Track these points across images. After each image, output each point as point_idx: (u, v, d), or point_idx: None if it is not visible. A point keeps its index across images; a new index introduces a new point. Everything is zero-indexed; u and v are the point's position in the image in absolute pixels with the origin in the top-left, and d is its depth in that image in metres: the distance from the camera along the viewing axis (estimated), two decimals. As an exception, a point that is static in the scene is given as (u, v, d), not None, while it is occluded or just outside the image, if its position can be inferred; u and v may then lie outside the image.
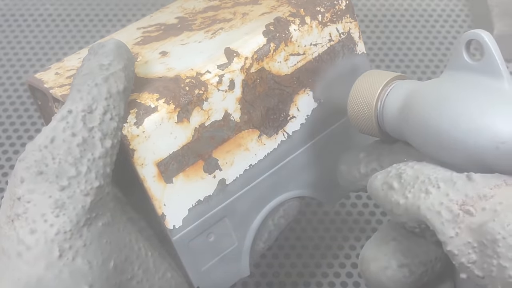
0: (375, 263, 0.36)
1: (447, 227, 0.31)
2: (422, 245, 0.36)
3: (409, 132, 0.36)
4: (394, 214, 0.34)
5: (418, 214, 0.32)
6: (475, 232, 0.30)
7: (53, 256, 0.32)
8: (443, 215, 0.31)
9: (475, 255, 0.30)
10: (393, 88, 0.38)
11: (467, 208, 0.31)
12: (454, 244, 0.31)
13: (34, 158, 0.33)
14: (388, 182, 0.34)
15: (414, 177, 0.33)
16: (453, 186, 0.32)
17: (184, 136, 0.38)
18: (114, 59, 0.36)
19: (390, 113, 0.38)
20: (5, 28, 0.71)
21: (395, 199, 0.34)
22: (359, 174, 0.41)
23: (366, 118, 0.39)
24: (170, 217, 0.39)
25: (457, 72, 0.35)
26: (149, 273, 0.37)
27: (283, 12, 0.42)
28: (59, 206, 0.33)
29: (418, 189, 0.33)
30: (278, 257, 0.55)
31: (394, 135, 0.39)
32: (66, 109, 0.34)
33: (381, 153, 0.40)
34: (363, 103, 0.39)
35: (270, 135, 0.42)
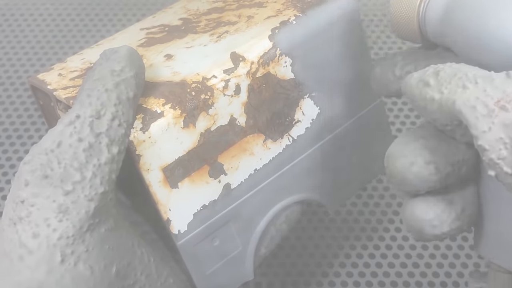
0: (401, 159, 0.35)
1: (481, 121, 0.30)
2: (451, 145, 0.35)
3: (451, 34, 0.36)
4: (427, 111, 0.33)
5: (453, 108, 0.31)
6: (508, 128, 0.29)
7: (55, 261, 0.32)
8: (478, 109, 0.30)
9: (505, 151, 0.29)
10: None
11: (503, 104, 0.30)
12: (486, 139, 0.30)
13: (39, 162, 0.33)
14: (425, 80, 0.33)
15: (452, 74, 0.32)
16: (491, 82, 0.31)
17: (190, 141, 0.38)
18: (126, 66, 0.36)
19: (433, 15, 0.37)
20: (5, 27, 0.71)
21: (431, 95, 0.33)
22: (393, 76, 0.40)
23: (408, 22, 0.38)
24: (175, 222, 0.39)
25: None
26: (151, 278, 0.37)
27: (288, 16, 0.42)
28: (62, 210, 0.32)
29: (455, 84, 0.32)
30: (279, 257, 0.55)
31: (435, 39, 0.38)
32: (74, 114, 0.34)
33: (417, 58, 0.39)
34: (405, 6, 0.38)
35: (275, 139, 0.42)
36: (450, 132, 0.35)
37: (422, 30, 0.38)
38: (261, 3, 0.45)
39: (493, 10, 0.33)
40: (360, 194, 0.60)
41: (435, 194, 0.36)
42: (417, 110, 0.35)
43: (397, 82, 0.40)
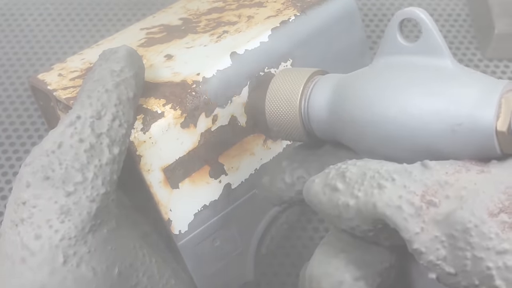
0: (328, 279, 0.32)
1: (411, 223, 0.28)
2: (374, 252, 0.32)
3: (342, 128, 0.33)
4: (343, 219, 0.31)
5: (375, 212, 0.29)
6: (442, 224, 0.27)
7: (58, 262, 0.32)
8: (405, 209, 0.28)
9: (444, 250, 0.27)
10: (316, 83, 0.35)
11: (429, 199, 0.28)
12: (420, 241, 0.27)
13: (41, 163, 0.33)
14: (331, 184, 0.31)
15: (360, 174, 0.30)
16: (409, 176, 0.29)
17: (191, 141, 0.38)
18: (125, 66, 0.36)
19: (318, 110, 0.34)
20: (5, 27, 0.71)
21: (343, 201, 0.30)
22: (284, 184, 0.36)
23: (289, 120, 0.35)
24: (176, 222, 0.39)
25: (392, 56, 0.33)
26: (153, 279, 0.37)
27: (288, 16, 0.42)
28: (64, 212, 0.32)
29: (369, 185, 0.29)
30: (279, 257, 0.55)
31: (323, 136, 0.35)
32: (75, 115, 0.34)
33: (305, 159, 0.36)
34: (285, 104, 0.35)
35: (275, 139, 0.42)
36: (372, 237, 0.31)
37: (307, 128, 0.36)
38: (261, 2, 0.45)
39: (387, 96, 0.31)
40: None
41: None
42: (327, 219, 0.32)
43: (290, 190, 0.36)
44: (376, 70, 0.33)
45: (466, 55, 0.68)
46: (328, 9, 0.43)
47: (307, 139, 0.36)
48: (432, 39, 0.31)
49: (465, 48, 0.69)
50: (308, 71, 0.36)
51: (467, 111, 0.29)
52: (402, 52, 0.32)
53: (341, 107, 0.33)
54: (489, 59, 0.68)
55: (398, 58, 0.32)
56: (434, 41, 0.31)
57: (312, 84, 0.35)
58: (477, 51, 0.69)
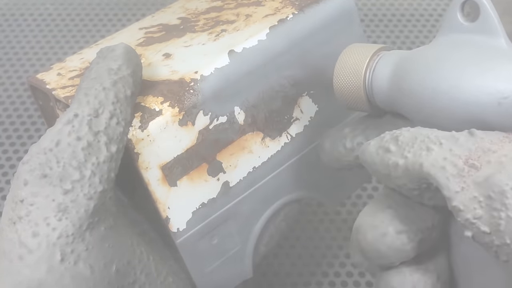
0: (372, 231, 0.34)
1: (453, 182, 0.30)
2: (418, 211, 0.34)
3: (402, 100, 0.36)
4: (392, 178, 0.33)
5: (420, 171, 0.31)
6: (481, 186, 0.29)
7: (55, 260, 0.32)
8: (448, 169, 0.30)
9: (481, 210, 0.29)
10: (381, 58, 0.38)
11: (472, 162, 0.30)
12: (459, 199, 0.29)
13: (38, 161, 0.33)
14: (384, 146, 0.33)
15: (412, 138, 0.32)
16: (456, 141, 0.31)
17: (189, 139, 0.38)
18: (123, 64, 0.36)
19: (380, 82, 0.37)
20: (5, 27, 0.71)
21: (394, 160, 0.32)
22: (344, 149, 0.39)
23: (354, 90, 0.38)
24: (174, 220, 0.39)
25: (452, 34, 0.35)
26: (151, 277, 0.37)
27: (286, 14, 0.42)
28: (62, 209, 0.32)
29: (419, 147, 0.31)
30: (279, 257, 0.55)
31: (384, 106, 0.38)
32: (72, 113, 0.34)
33: (367, 127, 0.39)
34: (351, 75, 0.38)
35: (274, 137, 0.42)
36: (417, 197, 0.34)
37: (370, 98, 0.38)
38: (259, 1, 0.45)
39: (444, 71, 0.33)
40: (360, 194, 0.60)
41: (408, 265, 0.35)
42: (379, 178, 0.34)
43: (349, 154, 0.39)
44: (435, 47, 0.35)
45: (466, 55, 0.68)
46: (326, 7, 0.43)
47: (369, 110, 0.39)
48: (489, 20, 0.34)
49: (465, 47, 0.69)
50: (374, 47, 0.38)
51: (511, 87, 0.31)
52: (461, 30, 0.35)
53: (402, 80, 0.35)
54: (489, 59, 0.68)
55: (457, 36, 0.35)
56: (491, 22, 0.34)
57: (378, 58, 0.38)
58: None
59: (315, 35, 0.43)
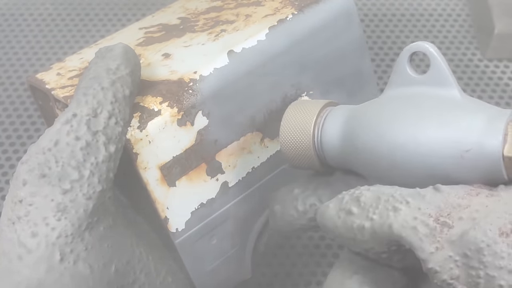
0: None
1: (426, 243, 0.29)
2: (387, 275, 0.34)
3: (355, 156, 0.35)
4: (357, 241, 0.32)
5: (390, 233, 0.30)
6: (456, 245, 0.28)
7: (54, 259, 0.32)
8: (420, 230, 0.29)
9: (458, 270, 0.28)
10: (329, 114, 0.37)
11: (443, 220, 0.29)
12: (435, 261, 0.29)
13: (37, 161, 0.33)
14: (345, 208, 0.32)
15: (375, 197, 0.31)
16: (423, 199, 0.30)
17: (188, 139, 0.38)
18: (121, 64, 0.36)
19: (330, 139, 0.36)
20: (5, 27, 0.71)
21: (358, 223, 0.31)
22: (296, 212, 0.38)
23: (303, 149, 0.37)
24: (173, 220, 0.39)
25: (402, 88, 0.35)
26: (150, 277, 0.37)
27: (286, 14, 0.42)
28: (61, 209, 0.32)
29: (384, 208, 0.30)
30: (278, 257, 0.55)
31: (335, 163, 0.37)
32: (71, 113, 0.34)
33: (317, 187, 0.38)
34: (299, 133, 0.37)
35: (273, 137, 0.42)
36: (385, 260, 0.33)
37: (320, 156, 0.37)
38: (259, 1, 0.45)
39: (400, 125, 0.33)
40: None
41: None
42: (342, 242, 0.33)
43: (302, 217, 0.38)
44: (386, 101, 0.35)
45: (466, 55, 0.68)
46: (325, 7, 0.43)
47: (320, 168, 0.37)
48: (440, 71, 0.33)
49: (465, 48, 0.69)
50: (321, 103, 0.37)
51: (475, 138, 0.31)
52: (412, 83, 0.34)
53: (353, 136, 0.35)
54: (489, 59, 0.68)
55: (408, 89, 0.34)
56: (442, 73, 0.33)
57: (325, 114, 0.37)
58: (477, 51, 0.69)
59: (315, 35, 0.43)
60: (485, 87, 0.65)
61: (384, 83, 0.66)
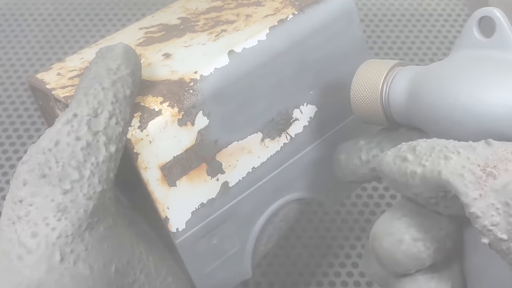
0: (389, 238, 0.35)
1: (471, 189, 0.30)
2: (434, 220, 0.35)
3: (418, 113, 0.36)
4: (409, 186, 0.33)
5: (439, 179, 0.31)
6: (498, 193, 0.29)
7: (55, 260, 0.32)
8: (466, 177, 0.30)
9: (498, 217, 0.29)
10: (398, 73, 0.38)
11: (489, 170, 0.30)
12: (477, 206, 0.30)
13: (37, 161, 0.33)
14: (402, 156, 0.34)
15: (429, 147, 0.33)
16: (474, 150, 0.31)
17: (188, 139, 0.38)
18: (122, 64, 0.36)
19: (397, 96, 0.38)
20: (5, 27, 0.71)
21: (411, 169, 0.33)
22: (360, 161, 0.40)
23: (371, 104, 0.39)
24: (173, 220, 0.39)
25: (468, 50, 0.36)
26: (150, 277, 0.37)
27: (286, 14, 0.42)
28: (61, 209, 0.32)
29: (437, 156, 0.32)
30: (279, 257, 0.55)
31: (401, 119, 0.38)
32: (71, 113, 0.34)
33: (382, 140, 0.40)
34: (368, 90, 0.39)
35: (273, 137, 0.42)
36: (433, 205, 0.34)
37: (387, 112, 0.39)
38: (259, 1, 0.45)
39: (461, 84, 0.34)
40: (360, 194, 0.60)
41: (424, 273, 0.35)
42: (395, 187, 0.35)
43: (364, 167, 0.40)
44: (452, 62, 0.36)
45: (466, 55, 0.68)
46: (326, 7, 0.43)
47: (386, 123, 0.39)
48: (505, 35, 0.34)
49: (465, 48, 0.69)
50: (391, 62, 0.39)
51: None
52: (477, 46, 0.35)
53: (419, 94, 0.36)
54: (489, 59, 0.68)
55: (474, 51, 0.35)
56: (507, 37, 0.34)
57: (394, 73, 0.38)
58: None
59: (315, 35, 0.43)
60: (485, 87, 0.65)
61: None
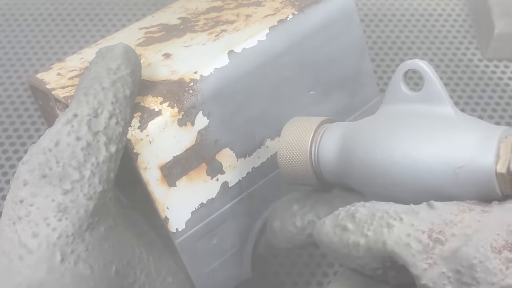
0: None
1: (419, 259, 0.29)
2: None
3: (351, 172, 0.35)
4: (352, 257, 0.32)
5: (384, 250, 0.30)
6: (449, 261, 0.29)
7: (55, 260, 0.32)
8: (413, 246, 0.29)
9: (451, 286, 0.28)
10: (326, 130, 0.37)
11: (436, 237, 0.29)
12: (428, 277, 0.29)
13: (38, 161, 0.33)
14: (341, 225, 0.32)
15: (369, 214, 0.32)
16: (417, 216, 0.30)
17: (188, 139, 0.38)
18: (122, 64, 0.36)
19: (327, 155, 0.36)
20: (5, 27, 0.71)
21: (353, 240, 0.32)
22: (295, 228, 0.38)
23: (300, 165, 0.37)
24: (173, 220, 0.39)
25: (397, 105, 0.35)
26: (150, 277, 0.37)
27: (286, 14, 0.42)
28: (61, 210, 0.32)
29: (379, 224, 0.31)
30: (279, 257, 0.55)
31: (332, 180, 0.37)
32: (72, 113, 0.34)
33: (315, 203, 0.38)
34: (296, 150, 0.37)
35: (273, 137, 0.42)
36: (381, 276, 0.33)
37: (317, 172, 0.37)
38: (259, 1, 0.45)
39: (396, 141, 0.33)
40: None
41: None
42: (337, 258, 0.34)
43: (301, 233, 0.38)
44: (382, 118, 0.35)
45: (466, 55, 0.68)
46: (326, 8, 0.43)
47: (317, 184, 0.38)
48: (434, 88, 0.34)
49: (465, 48, 0.69)
50: (318, 120, 0.38)
51: (468, 155, 0.31)
52: (407, 100, 0.35)
53: (350, 152, 0.35)
54: (489, 59, 0.68)
55: (403, 106, 0.35)
56: (436, 90, 0.34)
57: (322, 131, 0.37)
58: (477, 51, 0.69)
59: (315, 35, 0.43)
60: (485, 87, 0.65)
61: (384, 83, 0.66)
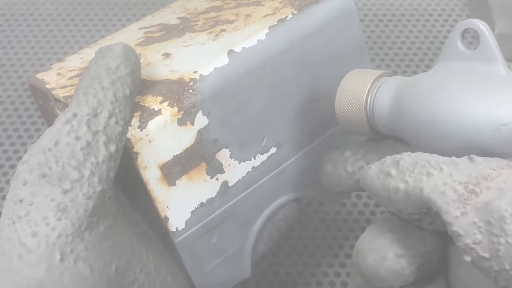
0: (372, 255, 0.35)
1: (452, 207, 0.30)
2: (418, 235, 0.35)
3: (402, 125, 0.36)
4: (392, 202, 0.33)
5: (421, 196, 0.31)
6: (480, 212, 0.29)
7: (55, 259, 0.32)
8: (448, 195, 0.30)
9: (480, 235, 0.29)
10: (383, 83, 0.38)
11: (471, 188, 0.30)
12: (459, 224, 0.30)
13: (37, 161, 0.33)
14: (385, 170, 0.33)
15: (413, 162, 0.33)
16: (456, 167, 0.31)
17: (188, 139, 0.38)
18: (121, 63, 0.36)
19: (381, 107, 0.38)
20: (5, 27, 0.71)
21: (394, 185, 0.33)
22: (345, 172, 0.40)
23: (356, 115, 0.39)
24: (173, 219, 0.39)
25: (452, 62, 0.36)
26: (150, 276, 0.37)
27: (286, 14, 0.42)
28: (61, 209, 0.32)
29: (419, 172, 0.32)
30: (279, 257, 0.55)
31: (385, 131, 0.38)
32: (71, 112, 0.34)
33: (367, 151, 0.40)
34: (352, 100, 0.39)
35: (273, 137, 0.42)
36: (417, 221, 0.34)
37: (371, 122, 0.39)
38: (259, 1, 0.45)
39: (443, 96, 0.34)
40: (360, 194, 0.60)
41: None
42: (379, 201, 0.35)
43: (350, 178, 0.40)
44: (435, 74, 0.36)
45: (465, 55, 0.68)
46: (325, 7, 0.43)
47: (371, 134, 0.39)
48: (489, 47, 0.34)
49: (465, 47, 0.69)
50: (376, 73, 0.39)
51: (510, 113, 0.32)
52: (462, 58, 0.35)
53: (402, 105, 0.36)
54: (489, 59, 0.68)
55: (457, 63, 0.36)
56: (490, 50, 0.34)
57: (379, 84, 0.38)
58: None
59: (315, 35, 0.43)
60: (485, 87, 0.65)
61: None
